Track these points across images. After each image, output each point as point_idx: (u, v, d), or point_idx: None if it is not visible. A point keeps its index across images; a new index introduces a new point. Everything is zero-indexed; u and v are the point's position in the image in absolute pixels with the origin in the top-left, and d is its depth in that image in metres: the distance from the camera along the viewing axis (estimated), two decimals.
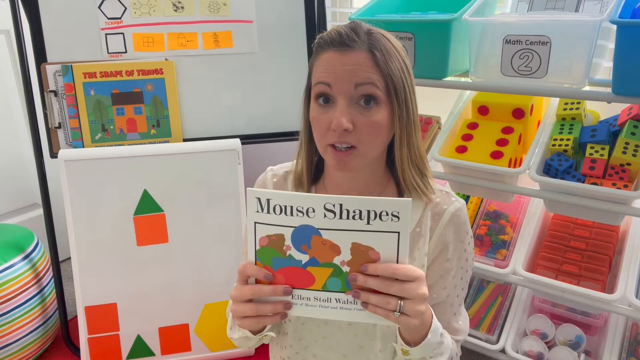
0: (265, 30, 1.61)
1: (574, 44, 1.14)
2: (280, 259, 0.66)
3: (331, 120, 0.74)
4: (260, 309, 0.67)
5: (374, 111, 0.74)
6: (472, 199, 1.65)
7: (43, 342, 1.71)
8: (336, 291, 0.66)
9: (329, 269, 0.65)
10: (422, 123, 1.56)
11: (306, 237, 0.65)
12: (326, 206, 0.62)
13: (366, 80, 0.73)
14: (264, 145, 1.68)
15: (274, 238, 0.66)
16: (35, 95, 1.54)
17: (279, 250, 0.66)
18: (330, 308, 0.67)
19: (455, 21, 1.26)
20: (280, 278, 0.67)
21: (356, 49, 0.74)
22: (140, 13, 1.53)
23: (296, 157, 0.87)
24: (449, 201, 0.82)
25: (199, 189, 1.55)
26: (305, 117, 0.82)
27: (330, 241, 0.64)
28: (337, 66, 0.73)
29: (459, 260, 0.83)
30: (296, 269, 0.66)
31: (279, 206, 0.64)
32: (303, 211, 0.63)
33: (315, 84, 0.76)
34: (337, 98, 0.74)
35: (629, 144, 1.24)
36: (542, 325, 1.46)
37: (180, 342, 1.64)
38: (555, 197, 1.27)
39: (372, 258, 0.64)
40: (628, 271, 1.30)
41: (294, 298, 0.68)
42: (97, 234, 1.52)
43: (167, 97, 1.58)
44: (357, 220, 0.63)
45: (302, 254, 0.66)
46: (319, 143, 0.78)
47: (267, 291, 0.67)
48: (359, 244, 0.64)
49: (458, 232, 0.82)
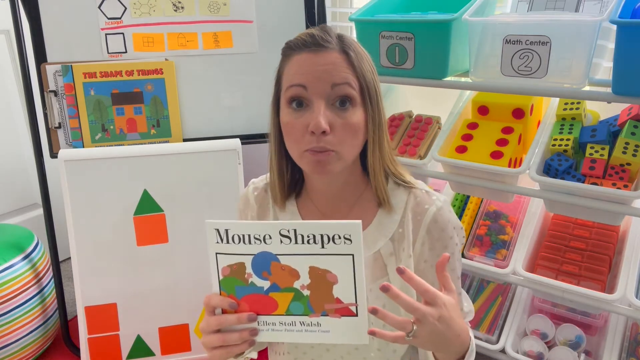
0: (265, 30, 1.61)
1: (574, 44, 1.14)
2: (243, 287, 0.68)
3: (307, 123, 0.72)
4: (227, 338, 0.68)
5: (350, 113, 0.74)
6: (472, 199, 1.64)
7: (43, 342, 1.71)
8: (299, 314, 0.67)
9: (290, 293, 0.66)
10: (422, 123, 1.56)
11: (265, 263, 0.66)
12: (281, 232, 0.64)
13: (343, 81, 0.72)
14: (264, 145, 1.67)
15: (235, 267, 0.67)
16: (35, 95, 1.54)
17: (241, 278, 0.67)
18: (295, 331, 0.68)
19: (455, 21, 1.26)
20: (245, 306, 0.68)
21: (330, 49, 0.73)
22: (140, 13, 1.53)
23: (268, 169, 0.85)
24: (430, 200, 0.81)
25: (199, 189, 1.55)
26: (275, 126, 0.80)
27: (289, 266, 0.65)
28: (312, 66, 0.72)
29: (453, 255, 0.82)
30: (259, 296, 0.67)
31: (237, 235, 0.65)
32: (260, 238, 0.65)
33: (287, 87, 0.74)
34: (312, 100, 0.72)
35: (629, 144, 1.24)
36: (542, 325, 1.46)
37: (180, 342, 1.64)
38: (555, 197, 1.27)
39: (330, 281, 0.64)
40: (628, 271, 1.30)
41: (260, 324, 0.68)
42: (97, 234, 1.52)
43: (167, 97, 1.58)
44: (312, 244, 0.63)
45: (263, 281, 0.67)
46: (294, 150, 0.76)
47: (232, 320, 0.67)
48: (316, 267, 0.64)
49: (445, 230, 0.81)
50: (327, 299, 0.65)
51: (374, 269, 0.81)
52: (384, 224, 0.82)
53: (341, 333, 0.66)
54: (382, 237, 0.82)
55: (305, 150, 0.74)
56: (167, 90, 1.57)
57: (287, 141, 0.77)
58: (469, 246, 1.53)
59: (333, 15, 2.01)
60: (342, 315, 0.65)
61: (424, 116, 1.59)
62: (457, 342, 0.68)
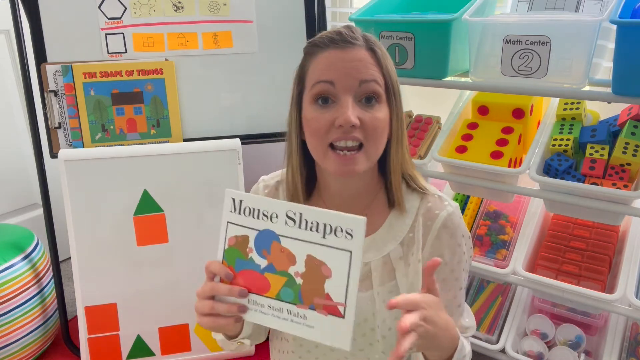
0: (265, 30, 1.61)
1: (574, 44, 1.14)
2: (242, 261, 0.68)
3: (333, 118, 0.72)
4: (216, 307, 0.68)
5: (376, 109, 0.74)
6: (472, 199, 1.64)
7: (43, 342, 1.71)
8: (288, 302, 0.66)
9: (283, 277, 0.66)
10: (422, 123, 1.56)
11: (267, 241, 0.66)
12: (288, 213, 0.64)
13: (370, 78, 0.73)
14: (264, 145, 1.68)
15: (240, 239, 0.68)
16: (35, 95, 1.54)
17: (243, 251, 0.68)
18: (282, 319, 0.67)
19: (455, 21, 1.26)
20: (240, 280, 0.69)
21: (357, 46, 0.74)
22: (140, 13, 1.53)
23: (285, 166, 0.85)
24: (442, 206, 0.81)
25: (199, 189, 1.55)
26: (296, 124, 0.80)
27: (288, 249, 0.65)
28: (340, 63, 0.73)
29: (459, 263, 0.82)
30: (255, 273, 0.68)
31: (249, 208, 0.67)
32: (268, 215, 0.66)
33: (314, 84, 0.74)
34: (340, 96, 0.73)
35: (629, 144, 1.24)
36: (542, 325, 1.46)
37: (180, 342, 1.64)
38: (555, 197, 1.27)
39: (324, 274, 0.64)
40: (628, 271, 1.30)
41: (250, 303, 0.69)
42: (97, 234, 1.52)
43: (167, 97, 1.58)
44: (314, 232, 0.63)
45: (261, 259, 0.67)
46: (318, 146, 0.75)
47: (225, 290, 0.68)
48: (313, 257, 0.64)
49: (454, 236, 0.81)
50: (318, 293, 0.64)
51: (383, 272, 0.81)
52: (394, 228, 0.82)
53: (324, 332, 0.65)
54: (393, 240, 0.81)
55: (329, 144, 0.74)
56: (167, 90, 1.57)
57: (311, 138, 0.76)
58: None
59: (333, 15, 2.01)
60: (329, 314, 0.64)
61: (424, 116, 1.59)
62: (447, 335, 0.69)
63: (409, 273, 0.80)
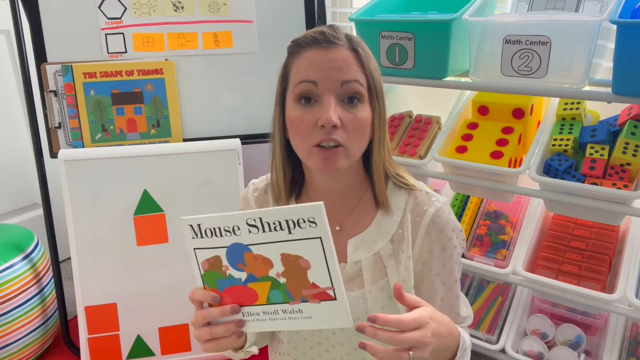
0: (265, 30, 1.61)
1: (574, 44, 1.14)
2: (223, 280, 0.68)
3: (316, 119, 0.73)
4: (214, 331, 0.68)
5: (358, 109, 0.74)
6: (472, 199, 1.64)
7: (43, 342, 1.71)
8: (280, 303, 0.67)
9: (267, 282, 0.66)
10: (422, 123, 1.56)
11: (239, 254, 0.66)
12: (248, 222, 0.64)
13: (352, 78, 0.73)
14: (264, 145, 1.67)
15: (212, 261, 0.67)
16: (35, 95, 1.54)
17: (219, 271, 0.67)
18: (280, 320, 0.68)
19: (455, 21, 1.26)
20: (227, 299, 0.69)
21: (340, 46, 0.74)
22: (140, 13, 1.53)
23: (270, 168, 0.85)
24: (429, 202, 0.81)
25: (199, 189, 1.55)
26: (279, 123, 0.80)
27: (261, 255, 0.65)
28: (323, 63, 0.73)
29: (451, 257, 0.82)
30: (239, 287, 0.68)
31: (209, 229, 0.66)
32: (230, 230, 0.65)
33: (297, 83, 0.74)
34: (322, 96, 0.73)
35: (629, 144, 1.24)
36: (542, 325, 1.46)
37: (180, 342, 1.64)
38: (555, 197, 1.27)
39: (303, 266, 0.64)
40: (628, 271, 1.30)
41: (245, 315, 0.69)
42: (97, 234, 1.52)
43: (167, 97, 1.58)
44: (279, 231, 0.63)
45: (239, 272, 0.67)
46: (302, 145, 0.76)
47: (216, 313, 0.68)
48: (287, 254, 0.64)
49: (444, 231, 0.81)
50: (304, 285, 0.65)
51: (374, 270, 0.81)
52: (383, 226, 0.82)
53: (324, 318, 0.66)
54: (382, 238, 0.82)
55: (313, 145, 0.74)
56: (167, 90, 1.57)
57: (294, 137, 0.77)
58: (469, 246, 1.53)
59: (333, 15, 2.01)
60: (322, 300, 0.65)
61: (424, 116, 1.59)
62: (451, 340, 0.70)
63: (399, 270, 0.80)
